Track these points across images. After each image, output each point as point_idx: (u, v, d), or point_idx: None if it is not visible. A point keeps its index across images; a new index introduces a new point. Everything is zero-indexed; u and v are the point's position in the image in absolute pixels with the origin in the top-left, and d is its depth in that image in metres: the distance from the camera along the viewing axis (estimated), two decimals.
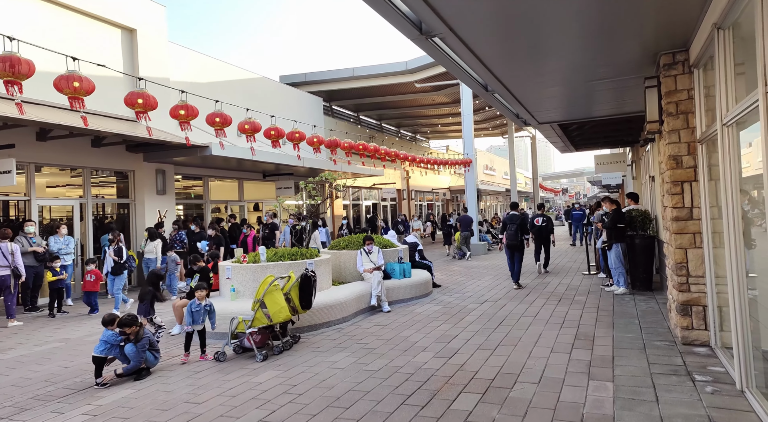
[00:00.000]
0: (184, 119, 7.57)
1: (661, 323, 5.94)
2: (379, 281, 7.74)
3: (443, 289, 9.55)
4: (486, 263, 13.87)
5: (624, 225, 8.12)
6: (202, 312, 5.38)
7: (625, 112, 8.80)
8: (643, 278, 8.15)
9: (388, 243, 9.18)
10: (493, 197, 45.13)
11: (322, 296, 6.92)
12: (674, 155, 5.02)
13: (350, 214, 21.61)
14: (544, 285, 9.39)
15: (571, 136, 13.87)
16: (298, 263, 7.01)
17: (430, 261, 10.13)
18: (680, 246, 5.00)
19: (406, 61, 17.86)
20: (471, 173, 17.61)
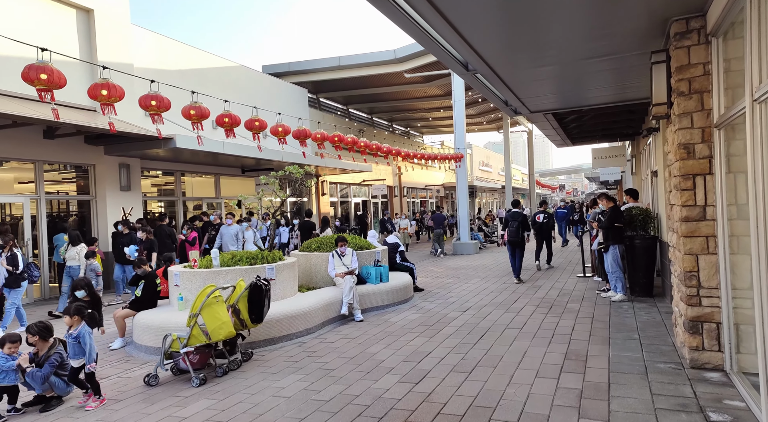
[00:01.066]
0: (155, 111, 6.75)
1: (665, 338, 5.18)
2: (351, 287, 6.96)
3: (425, 294, 8.78)
4: (476, 263, 13.10)
5: (622, 225, 7.35)
6: (72, 344, 4.12)
7: (627, 100, 8.01)
8: (643, 283, 7.39)
9: (365, 244, 8.39)
10: (489, 194, 44.40)
11: (285, 305, 6.14)
12: (685, 143, 4.24)
13: (338, 212, 20.81)
14: (534, 290, 8.63)
15: (567, 128, 13.08)
16: (257, 268, 6.22)
17: (412, 263, 9.35)
18: (690, 252, 4.23)
19: (395, 49, 17.02)
20: (462, 169, 16.82)
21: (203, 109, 7.64)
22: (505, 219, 10.05)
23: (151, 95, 6.62)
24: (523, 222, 9.67)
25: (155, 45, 12.05)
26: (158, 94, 6.67)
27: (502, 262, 13.03)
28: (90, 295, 4.84)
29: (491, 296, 8.23)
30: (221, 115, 7.20)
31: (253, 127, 7.71)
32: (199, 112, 7.68)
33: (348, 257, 7.56)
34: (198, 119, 7.80)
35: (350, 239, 8.33)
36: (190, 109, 7.62)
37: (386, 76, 18.72)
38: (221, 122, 7.20)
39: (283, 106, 15.49)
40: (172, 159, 12.43)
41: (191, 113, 7.69)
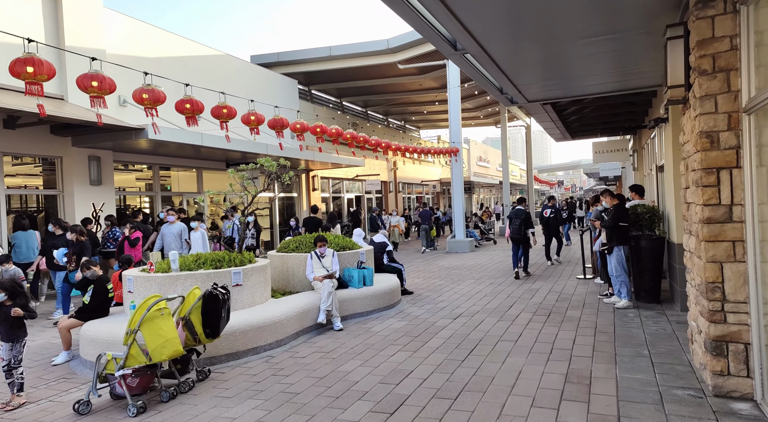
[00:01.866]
0: (96, 92, 6.07)
1: (679, 355, 4.55)
2: (329, 292, 6.32)
3: (415, 297, 8.15)
4: (471, 262, 12.48)
5: (627, 225, 6.71)
6: None
7: (629, 89, 7.36)
8: (649, 288, 6.77)
9: (349, 244, 7.74)
10: (487, 190, 43.78)
11: (253, 314, 5.50)
12: (708, 131, 3.59)
13: (330, 208, 20.15)
14: (531, 293, 8.00)
15: (567, 121, 12.43)
16: (221, 272, 5.57)
17: (401, 264, 8.71)
18: (713, 260, 3.59)
19: (387, 39, 16.30)
20: (458, 163, 16.16)
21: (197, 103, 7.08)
22: (509, 217, 10.10)
23: (91, 74, 5.90)
24: (526, 219, 9.71)
25: (131, 30, 11.35)
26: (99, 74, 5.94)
27: (498, 261, 12.41)
28: (11, 296, 4.07)
29: (485, 300, 7.60)
30: (182, 101, 6.52)
31: (221, 114, 7.03)
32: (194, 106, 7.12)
33: (328, 259, 6.91)
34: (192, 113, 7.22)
35: (332, 238, 7.69)
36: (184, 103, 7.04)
37: (380, 68, 18.03)
38: (182, 108, 6.52)
39: (272, 97, 14.80)
40: (150, 152, 11.75)
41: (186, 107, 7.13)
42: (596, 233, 8.37)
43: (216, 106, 7.14)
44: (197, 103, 6.59)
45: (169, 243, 8.44)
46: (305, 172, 18.30)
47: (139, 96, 5.85)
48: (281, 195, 17.20)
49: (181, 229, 8.59)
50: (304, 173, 18.25)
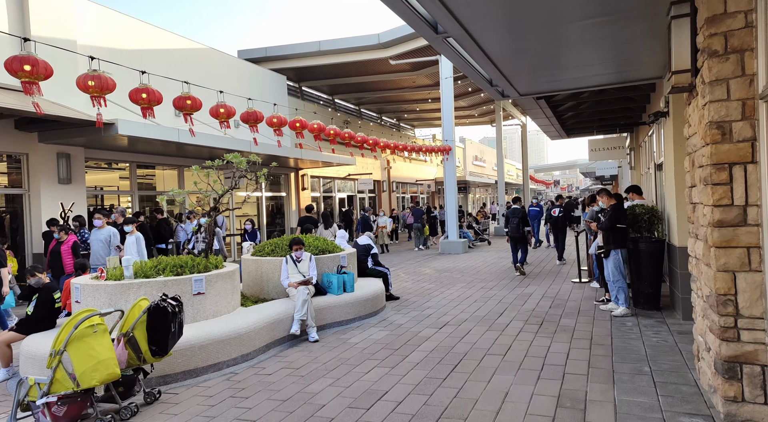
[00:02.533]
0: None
1: (683, 372, 4.09)
2: (304, 300, 5.83)
3: (400, 303, 7.67)
4: (463, 264, 12.01)
5: (626, 226, 6.25)
6: None
7: (626, 81, 6.91)
8: (648, 294, 6.31)
9: (329, 247, 7.25)
10: (483, 189, 43.36)
11: (216, 326, 5.01)
12: (719, 121, 3.13)
13: (320, 207, 19.66)
14: (524, 299, 7.54)
15: (562, 118, 11.99)
16: (182, 280, 5.08)
17: (386, 267, 8.22)
18: (725, 269, 3.13)
19: (378, 33, 15.83)
20: (451, 162, 15.70)
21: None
22: (506, 216, 10.49)
23: (90, 75, 5.55)
24: (523, 218, 10.11)
25: (106, 21, 10.83)
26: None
27: (492, 263, 11.95)
28: None
29: (474, 307, 7.13)
30: (137, 90, 6.02)
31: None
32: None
33: (305, 263, 6.42)
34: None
35: (311, 241, 7.20)
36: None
37: (371, 64, 17.54)
38: (137, 98, 6.02)
39: (259, 93, 14.30)
40: (126, 149, 11.23)
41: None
42: (592, 235, 7.92)
43: (179, 96, 6.64)
44: (154, 92, 6.09)
45: (96, 251, 7.25)
46: (294, 171, 17.81)
47: (83, 83, 5.35)
48: (268, 194, 16.70)
49: (110, 235, 7.30)
50: (293, 172, 17.76)
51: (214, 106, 7.47)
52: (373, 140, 11.91)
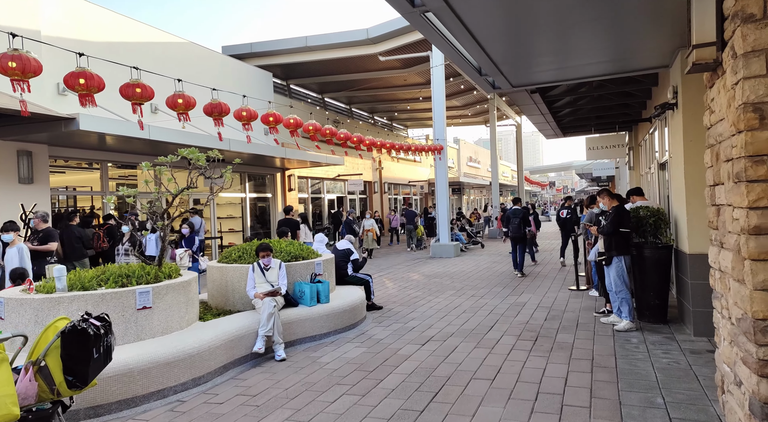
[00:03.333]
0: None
1: (704, 406, 3.47)
2: (270, 314, 5.19)
3: (383, 314, 7.03)
4: (454, 269, 11.39)
5: (629, 231, 5.64)
6: None
7: (628, 71, 6.28)
8: (655, 306, 5.70)
9: (302, 252, 6.59)
10: (478, 191, 42.84)
11: (162, 345, 4.35)
12: (757, 102, 2.51)
13: (309, 209, 19.00)
14: (517, 308, 6.92)
15: (558, 116, 11.40)
16: (124, 293, 4.42)
17: (368, 274, 7.58)
18: (763, 287, 2.51)
19: (367, 28, 15.20)
20: (442, 162, 15.09)
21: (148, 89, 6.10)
22: (507, 217, 10.53)
23: (9, 54, 4.89)
24: (524, 218, 10.14)
25: (75, 11, 10.15)
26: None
27: (484, 268, 11.34)
28: None
29: (462, 318, 6.50)
30: (73, 75, 5.37)
31: (133, 94, 5.94)
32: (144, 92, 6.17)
33: (274, 271, 5.78)
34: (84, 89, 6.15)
35: (284, 246, 6.54)
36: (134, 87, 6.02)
37: (360, 60, 16.94)
38: (73, 82, 5.38)
39: (243, 90, 13.62)
40: (96, 147, 10.54)
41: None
42: (591, 239, 7.32)
43: (126, 83, 5.99)
44: (93, 76, 5.45)
45: None
46: (281, 171, 17.15)
47: (2, 64, 4.68)
48: (252, 195, 16.03)
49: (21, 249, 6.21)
50: (280, 172, 17.10)
51: (171, 96, 6.82)
52: (357, 137, 11.29)
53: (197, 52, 13.62)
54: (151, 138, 9.45)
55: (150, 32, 12.20)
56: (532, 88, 7.06)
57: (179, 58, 12.77)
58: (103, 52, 9.60)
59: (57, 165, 11.22)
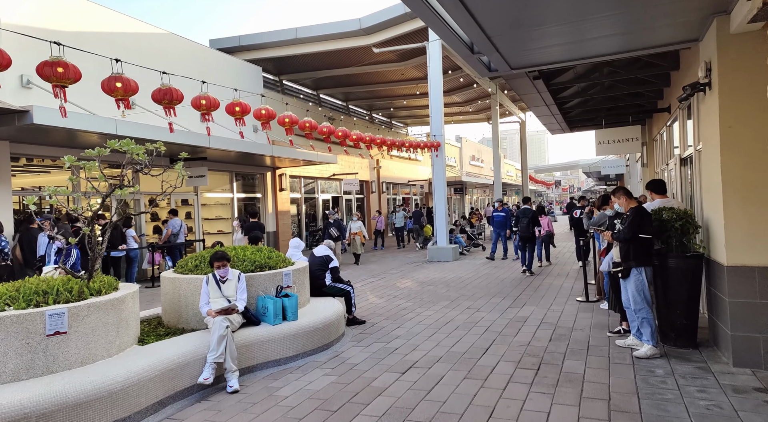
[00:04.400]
0: None
1: None
2: (221, 336, 4.35)
3: (364, 330, 6.17)
4: (450, 275, 10.51)
5: (651, 237, 4.75)
6: None
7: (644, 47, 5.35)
8: (681, 326, 4.80)
9: (272, 260, 5.73)
10: (481, 190, 41.89)
11: (77, 379, 3.52)
12: None
13: (302, 210, 18.18)
14: (517, 325, 6.04)
15: (564, 108, 10.50)
16: (30, 316, 3.58)
17: (349, 284, 6.72)
18: None
19: (360, 18, 14.35)
20: (440, 160, 14.21)
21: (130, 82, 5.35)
22: (516, 216, 10.66)
23: None
24: (534, 218, 10.14)
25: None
26: None
27: (483, 274, 10.45)
28: None
29: (454, 337, 5.63)
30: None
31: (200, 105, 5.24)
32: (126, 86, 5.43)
33: (231, 284, 4.93)
34: None
35: (249, 254, 5.68)
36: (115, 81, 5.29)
37: (354, 53, 16.09)
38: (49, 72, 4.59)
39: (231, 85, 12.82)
40: (65, 144, 9.76)
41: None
42: (601, 244, 6.42)
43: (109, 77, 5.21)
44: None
45: None
46: (271, 170, 16.33)
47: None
48: (240, 195, 15.21)
49: None
50: (270, 171, 16.28)
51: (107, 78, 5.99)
52: (343, 132, 10.45)
53: (179, 44, 12.82)
54: (118, 133, 8.64)
55: (126, 22, 11.40)
56: (533, 71, 6.18)
57: (159, 50, 11.97)
58: (71, 43, 8.82)
59: (33, 164, 10.51)
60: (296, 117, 10.21)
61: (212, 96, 7.90)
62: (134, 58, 9.41)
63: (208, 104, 7.85)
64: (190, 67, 12.33)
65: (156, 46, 11.93)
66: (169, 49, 12.39)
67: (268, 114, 9.61)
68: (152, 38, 11.97)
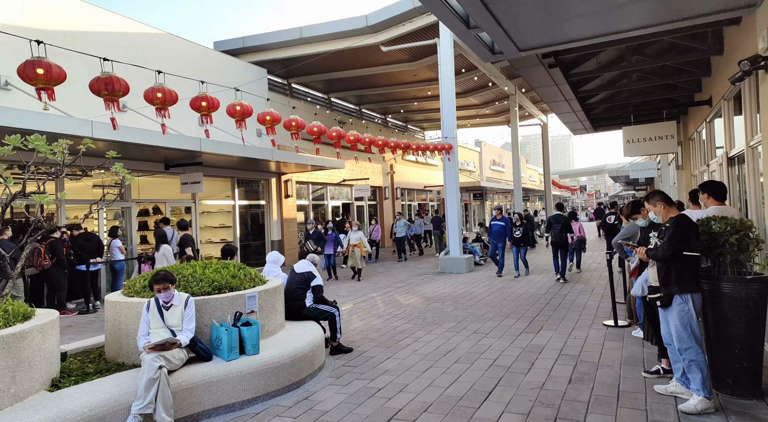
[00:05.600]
0: None
1: None
2: (151, 379, 3.50)
3: (349, 360, 5.25)
4: (461, 290, 9.50)
5: (699, 254, 3.70)
6: None
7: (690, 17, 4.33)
8: (742, 370, 3.72)
9: (237, 281, 4.86)
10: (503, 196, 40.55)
11: None
12: None
13: (310, 217, 17.39)
14: (530, 357, 5.02)
15: (587, 104, 9.42)
16: None
17: (334, 305, 5.81)
18: None
19: (366, 14, 13.55)
20: (452, 163, 13.22)
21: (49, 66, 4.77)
22: (548, 222, 10.51)
23: None
24: (566, 224, 10.06)
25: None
26: None
27: (497, 289, 9.40)
28: None
29: (453, 373, 4.65)
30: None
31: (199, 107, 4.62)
32: None
33: (176, 311, 4.09)
34: None
35: (208, 273, 4.84)
36: None
37: (363, 53, 15.32)
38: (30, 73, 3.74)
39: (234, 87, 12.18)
40: None
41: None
42: (633, 262, 5.34)
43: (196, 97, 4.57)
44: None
45: None
46: (276, 176, 15.63)
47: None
48: (243, 202, 14.52)
49: None
50: (275, 177, 15.57)
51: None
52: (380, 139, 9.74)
53: (177, 45, 12.25)
54: (93, 135, 7.99)
55: (118, 21, 10.86)
56: (548, 56, 5.19)
57: (155, 52, 11.39)
58: (60, 43, 8.26)
59: None
60: (303, 121, 9.47)
61: (212, 96, 7.27)
62: (128, 60, 8.77)
63: (208, 105, 7.22)
64: (189, 70, 11.70)
65: (152, 47, 11.36)
66: (166, 50, 11.83)
67: (272, 118, 8.91)
68: (147, 39, 11.42)
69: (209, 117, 7.52)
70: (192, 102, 7.14)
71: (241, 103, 8.13)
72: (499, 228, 11.35)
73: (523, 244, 10.78)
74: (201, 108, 7.25)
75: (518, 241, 10.77)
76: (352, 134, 10.78)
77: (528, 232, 10.77)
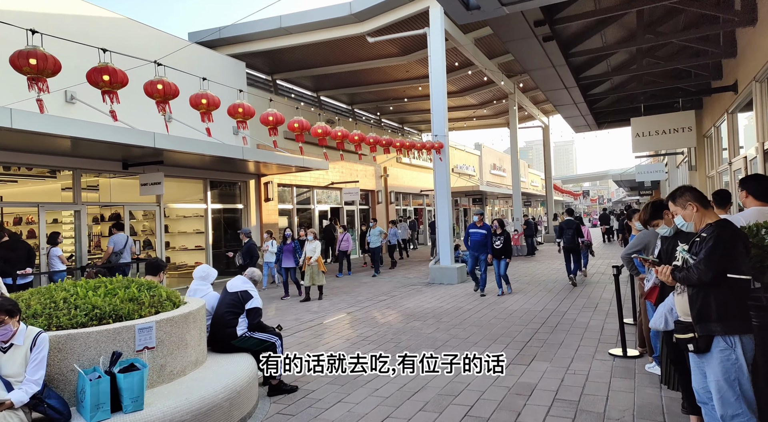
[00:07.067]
0: None
1: None
2: None
3: (289, 404, 4.12)
4: (448, 304, 8.36)
5: (750, 277, 2.56)
6: None
7: None
8: None
9: (135, 305, 3.74)
10: (503, 201, 39.39)
11: None
12: None
13: (294, 222, 16.30)
14: (518, 402, 3.88)
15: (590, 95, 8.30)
16: None
17: (275, 333, 4.68)
18: None
19: (350, 1, 12.50)
20: (443, 163, 12.12)
21: None
22: (560, 227, 10.61)
23: None
24: (577, 229, 10.14)
25: None
26: None
27: (488, 304, 8.25)
28: None
29: None
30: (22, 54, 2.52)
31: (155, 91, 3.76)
32: None
33: (18, 354, 2.97)
34: None
35: (90, 295, 3.71)
36: None
37: (349, 45, 14.28)
38: None
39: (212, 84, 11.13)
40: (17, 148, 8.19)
41: None
42: (649, 281, 4.18)
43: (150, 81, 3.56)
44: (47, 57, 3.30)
45: None
46: (255, 178, 14.54)
47: None
48: (216, 206, 13.42)
49: None
50: (254, 179, 14.49)
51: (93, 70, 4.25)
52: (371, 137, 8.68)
53: (138, 31, 11.17)
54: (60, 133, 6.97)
55: (68, 3, 9.80)
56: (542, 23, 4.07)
57: (117, 41, 10.28)
58: None
59: None
60: (282, 115, 8.42)
61: (170, 81, 6.26)
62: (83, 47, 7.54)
63: (165, 90, 6.18)
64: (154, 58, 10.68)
65: (109, 35, 10.30)
66: (126, 36, 10.75)
67: (245, 111, 7.89)
68: (100, 22, 10.33)
69: (167, 105, 6.48)
70: (146, 86, 6.11)
71: (206, 93, 7.09)
72: (480, 237, 9.33)
73: (503, 257, 9.10)
74: (156, 93, 6.24)
75: (498, 253, 9.11)
76: (339, 130, 9.71)
77: (509, 243, 9.12)
